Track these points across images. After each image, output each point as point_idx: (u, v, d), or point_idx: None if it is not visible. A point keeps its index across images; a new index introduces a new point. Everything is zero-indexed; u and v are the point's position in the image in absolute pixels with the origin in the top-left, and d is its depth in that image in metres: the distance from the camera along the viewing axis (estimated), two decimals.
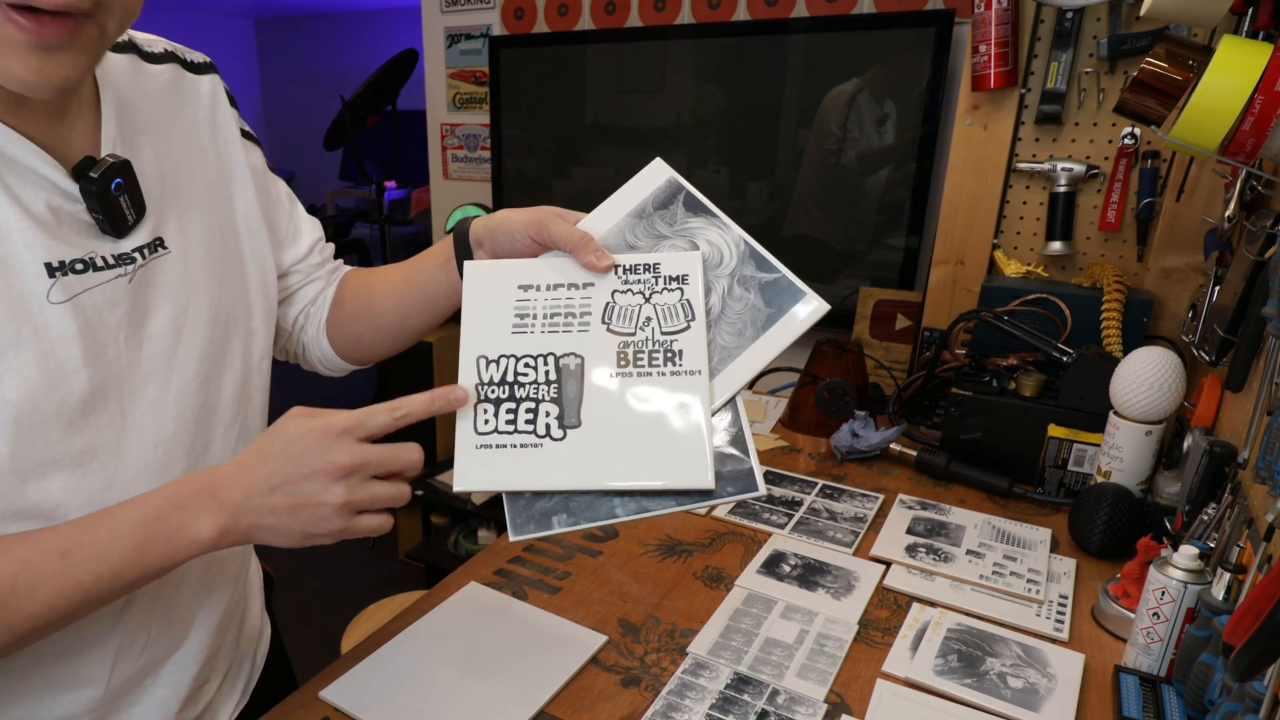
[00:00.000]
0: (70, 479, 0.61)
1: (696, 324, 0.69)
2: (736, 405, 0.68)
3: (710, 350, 0.69)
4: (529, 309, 0.72)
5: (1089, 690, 0.84)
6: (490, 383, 0.69)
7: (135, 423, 0.66)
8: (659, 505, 0.66)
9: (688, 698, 0.81)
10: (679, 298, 0.70)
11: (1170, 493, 1.07)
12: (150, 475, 0.67)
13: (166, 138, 0.72)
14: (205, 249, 0.73)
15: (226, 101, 0.79)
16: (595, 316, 0.70)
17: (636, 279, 0.71)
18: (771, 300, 0.70)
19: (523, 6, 2.37)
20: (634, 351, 0.69)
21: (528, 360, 0.69)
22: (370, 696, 0.81)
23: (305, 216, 0.89)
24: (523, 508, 0.67)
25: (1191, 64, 0.93)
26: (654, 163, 0.76)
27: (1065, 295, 1.42)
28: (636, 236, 0.74)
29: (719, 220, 0.73)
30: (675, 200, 0.74)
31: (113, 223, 0.63)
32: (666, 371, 0.68)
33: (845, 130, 1.91)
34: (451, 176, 2.74)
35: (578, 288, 0.72)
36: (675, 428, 0.66)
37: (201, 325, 0.71)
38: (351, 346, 0.90)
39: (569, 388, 0.68)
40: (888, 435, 1.38)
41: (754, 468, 0.66)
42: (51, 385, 0.59)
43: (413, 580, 2.80)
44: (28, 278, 0.58)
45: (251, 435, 0.80)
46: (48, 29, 0.52)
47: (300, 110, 6.82)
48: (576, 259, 0.72)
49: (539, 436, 0.67)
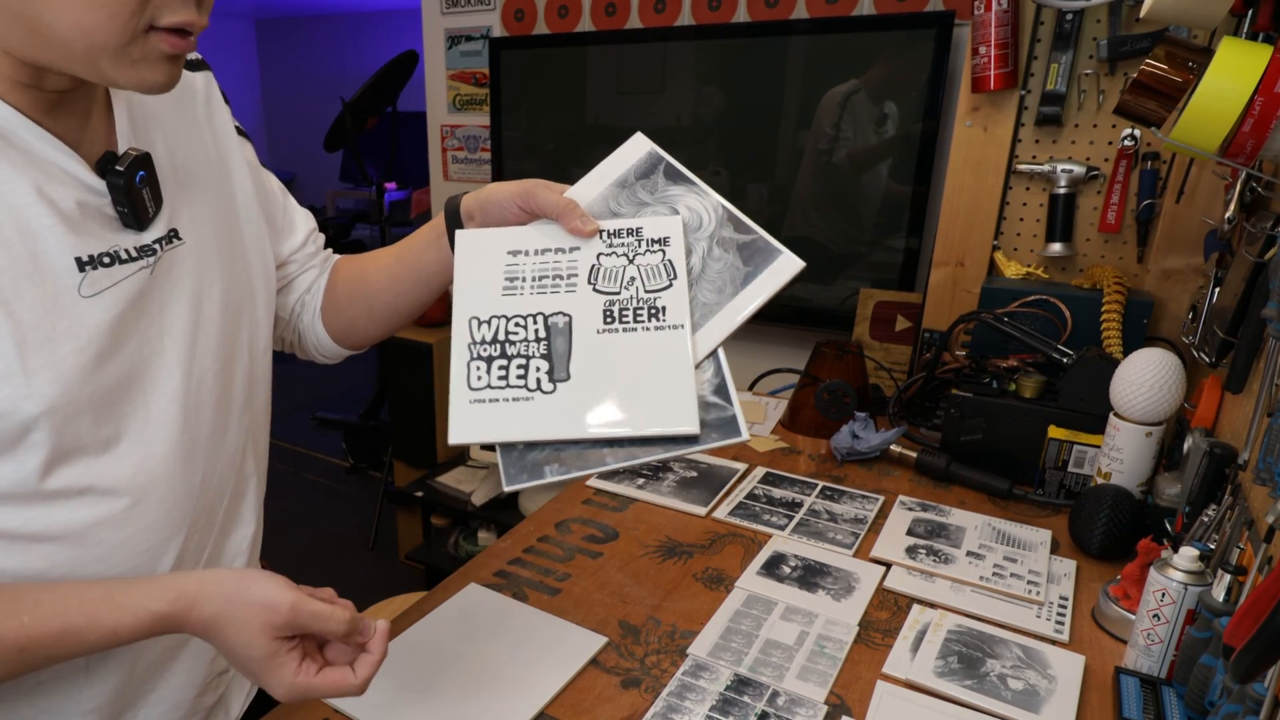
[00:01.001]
0: (96, 465, 0.63)
1: (679, 282, 0.72)
2: (719, 357, 0.71)
3: (692, 306, 0.72)
4: (518, 272, 0.75)
5: (1089, 692, 0.84)
6: (482, 341, 0.72)
7: (160, 411, 0.68)
8: (647, 452, 0.68)
9: (688, 699, 0.81)
10: (661, 259, 0.74)
11: (1170, 494, 1.07)
12: (175, 462, 0.69)
13: (173, 131, 0.73)
14: (214, 239, 0.75)
15: (220, 97, 0.80)
16: (582, 278, 0.74)
17: (620, 242, 0.75)
18: (749, 259, 0.74)
19: (523, 8, 2.38)
20: (619, 309, 0.72)
21: (518, 320, 0.72)
22: (370, 698, 0.80)
23: (298, 208, 0.91)
24: (516, 458, 0.69)
25: (1191, 65, 0.93)
26: (635, 136, 0.80)
27: (1065, 297, 1.42)
28: (620, 204, 0.77)
29: (698, 187, 0.77)
30: (656, 170, 0.78)
31: (136, 215, 0.65)
32: (651, 327, 0.71)
33: (839, 131, 1.91)
34: (452, 178, 2.74)
35: (564, 252, 0.75)
36: (661, 377, 0.69)
37: (216, 315, 0.73)
38: (347, 330, 0.91)
39: (558, 344, 0.71)
40: (888, 437, 1.38)
41: (737, 414, 0.68)
42: (85, 377, 0.61)
43: (413, 582, 2.80)
44: (60, 273, 0.60)
45: (259, 424, 0.82)
46: (184, 44, 0.59)
47: (300, 111, 6.82)
48: (563, 225, 0.75)
49: (530, 390, 0.69)
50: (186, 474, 0.70)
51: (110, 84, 0.59)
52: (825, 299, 2.03)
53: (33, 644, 0.56)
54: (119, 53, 0.56)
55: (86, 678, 0.68)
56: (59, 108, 0.61)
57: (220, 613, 0.60)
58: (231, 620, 0.60)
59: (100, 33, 0.54)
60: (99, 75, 0.57)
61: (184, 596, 0.59)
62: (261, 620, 0.60)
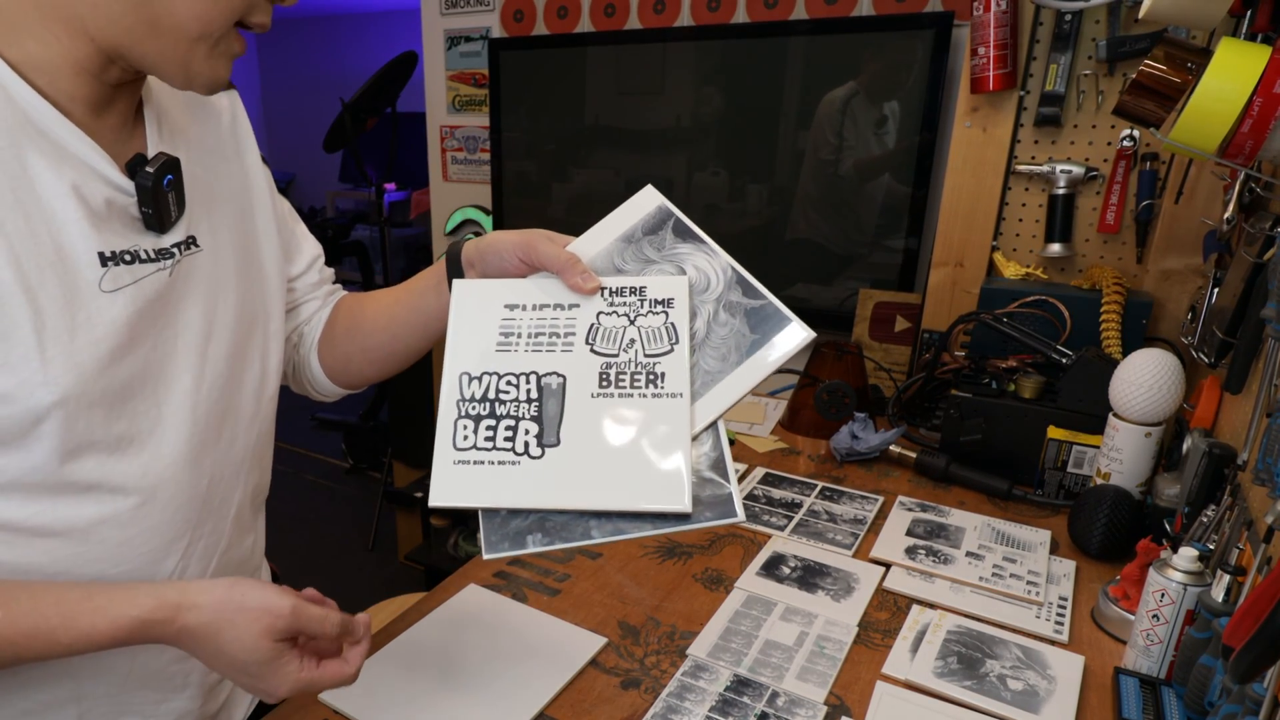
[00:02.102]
0: (106, 462, 0.64)
1: (680, 347, 0.69)
2: (718, 430, 0.68)
3: (693, 374, 0.68)
4: (514, 328, 0.72)
5: (1089, 692, 0.84)
6: (472, 399, 0.69)
7: (170, 412, 0.68)
8: (635, 527, 0.65)
9: (687, 700, 0.81)
10: (664, 321, 0.70)
11: (1170, 494, 1.07)
12: (183, 464, 0.69)
13: (198, 143, 0.74)
14: (232, 251, 0.75)
15: (245, 118, 0.82)
16: (580, 337, 0.70)
17: (622, 301, 0.71)
18: (757, 326, 0.70)
19: (522, 9, 2.38)
20: (616, 372, 0.69)
21: (510, 378, 0.69)
22: (370, 699, 0.81)
23: (307, 235, 0.91)
24: (498, 525, 0.66)
25: (1190, 66, 0.93)
26: (645, 189, 0.76)
27: (1064, 297, 1.43)
28: (625, 260, 0.74)
29: (707, 246, 0.73)
30: (664, 226, 0.75)
31: (159, 218, 0.66)
32: (648, 393, 0.68)
33: (841, 138, 1.91)
34: (451, 179, 2.74)
35: (563, 308, 0.72)
36: (654, 450, 0.66)
37: (229, 322, 0.74)
38: (341, 367, 0.90)
39: (549, 406, 0.68)
40: (887, 437, 1.38)
41: (733, 493, 0.65)
42: (100, 370, 0.61)
43: (412, 582, 2.80)
44: (82, 266, 0.61)
45: (266, 436, 0.82)
46: (244, 46, 0.64)
47: (300, 112, 6.82)
48: (563, 280, 0.72)
49: (517, 454, 0.67)
50: (193, 477, 0.71)
51: (185, 77, 0.62)
52: (825, 299, 2.03)
53: (2, 639, 0.56)
54: (217, 43, 0.61)
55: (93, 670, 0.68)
56: (104, 107, 0.63)
57: (209, 622, 0.60)
58: (227, 627, 0.60)
59: (215, 19, 0.59)
60: (183, 66, 0.61)
61: (165, 605, 0.59)
62: (263, 625, 0.60)
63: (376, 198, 3.39)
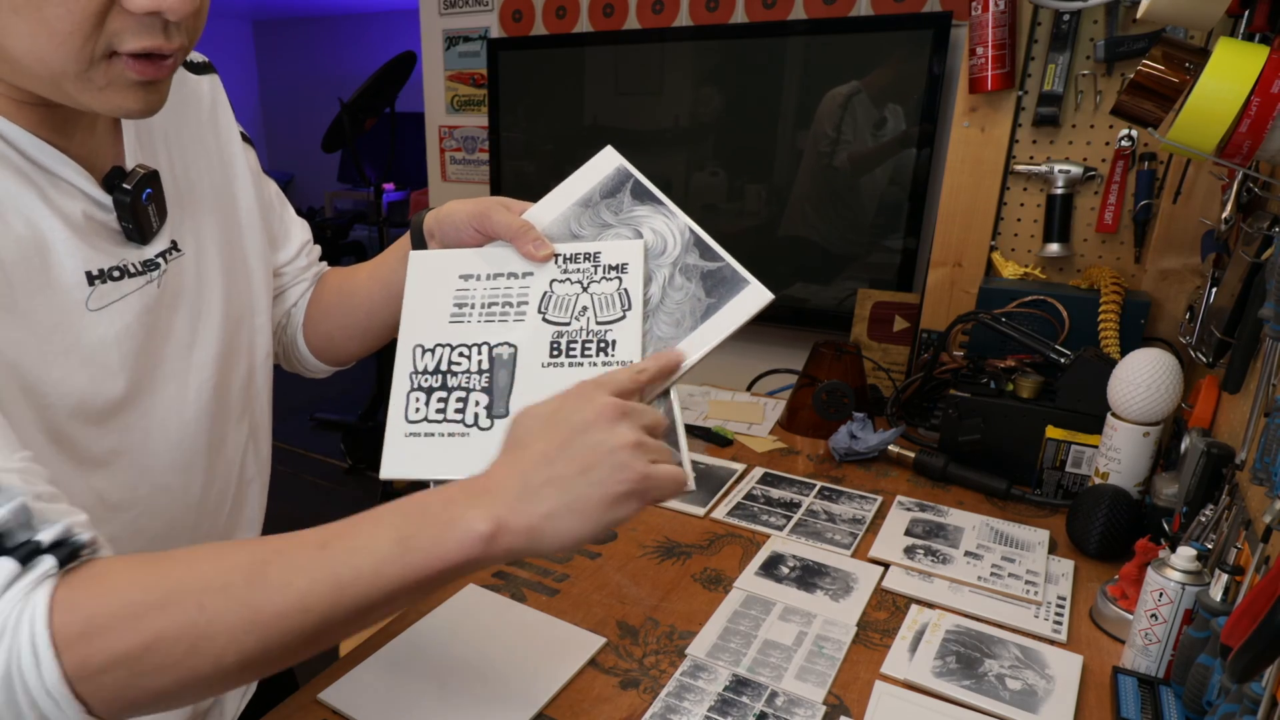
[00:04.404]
0: (98, 478, 0.63)
1: (632, 314, 0.68)
2: (670, 397, 0.66)
3: (645, 341, 0.67)
4: (468, 299, 0.71)
5: (1087, 691, 0.84)
6: (424, 371, 0.69)
7: (158, 421, 0.68)
8: None
9: (686, 700, 0.81)
10: (616, 287, 0.69)
11: (1168, 494, 1.07)
12: (175, 471, 0.69)
13: (177, 141, 0.73)
14: (215, 249, 0.74)
15: (226, 102, 0.80)
16: (532, 306, 0.70)
17: (576, 268, 0.70)
18: (713, 289, 0.68)
19: (521, 9, 2.38)
20: (567, 341, 0.68)
21: (462, 349, 0.69)
22: (369, 699, 0.81)
23: (295, 219, 0.91)
24: None
25: (1188, 66, 0.93)
26: (604, 150, 0.75)
27: (1063, 297, 1.43)
28: (581, 225, 0.73)
29: (665, 208, 0.72)
30: (623, 188, 0.73)
31: (140, 231, 0.65)
32: (599, 362, 0.67)
33: (840, 133, 1.91)
34: (450, 179, 2.74)
35: (517, 277, 0.71)
36: None
37: (215, 324, 0.73)
38: (325, 345, 0.91)
39: (500, 377, 0.68)
40: (886, 437, 1.38)
41: (684, 461, 0.63)
42: (94, 391, 0.61)
43: None
44: (70, 287, 0.60)
45: (259, 429, 0.82)
46: (155, 70, 0.57)
47: (298, 112, 6.82)
48: (516, 248, 0.71)
49: (466, 426, 0.67)
50: (185, 483, 0.70)
51: (85, 109, 0.57)
52: (823, 299, 2.03)
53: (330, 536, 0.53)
54: (81, 78, 0.54)
55: None
56: (66, 124, 0.61)
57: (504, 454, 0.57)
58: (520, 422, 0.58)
59: (54, 59, 0.52)
60: (70, 101, 0.56)
61: None
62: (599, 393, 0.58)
63: (375, 198, 3.40)
